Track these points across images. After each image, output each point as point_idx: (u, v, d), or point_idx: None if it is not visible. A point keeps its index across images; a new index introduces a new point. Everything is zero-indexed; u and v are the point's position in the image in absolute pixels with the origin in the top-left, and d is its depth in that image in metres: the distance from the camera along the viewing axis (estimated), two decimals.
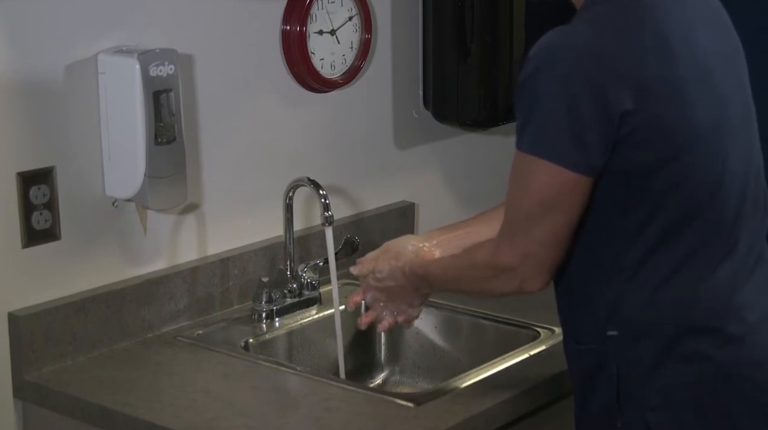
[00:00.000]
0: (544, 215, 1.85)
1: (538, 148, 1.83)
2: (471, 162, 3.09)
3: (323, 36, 2.65)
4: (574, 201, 1.85)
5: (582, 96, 1.79)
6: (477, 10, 2.81)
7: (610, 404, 1.93)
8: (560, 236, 1.87)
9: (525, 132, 1.84)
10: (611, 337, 1.91)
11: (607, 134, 1.81)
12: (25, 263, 2.25)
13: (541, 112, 1.82)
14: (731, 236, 1.91)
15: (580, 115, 1.80)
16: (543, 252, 1.87)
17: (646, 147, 1.83)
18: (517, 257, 1.88)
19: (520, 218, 1.88)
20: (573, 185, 1.83)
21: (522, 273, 1.89)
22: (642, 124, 1.81)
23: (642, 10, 1.86)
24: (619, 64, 1.81)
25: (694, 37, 1.89)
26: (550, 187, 1.83)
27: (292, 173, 2.54)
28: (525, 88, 1.84)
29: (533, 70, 1.83)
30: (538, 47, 1.84)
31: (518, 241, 1.88)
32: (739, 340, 1.89)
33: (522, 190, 1.87)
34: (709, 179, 1.88)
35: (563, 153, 1.81)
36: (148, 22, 2.36)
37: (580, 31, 1.85)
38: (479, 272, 1.98)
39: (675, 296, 1.88)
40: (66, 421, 2.19)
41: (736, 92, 1.96)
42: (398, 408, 2.11)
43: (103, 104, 2.28)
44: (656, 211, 1.86)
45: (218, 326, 2.48)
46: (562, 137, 1.81)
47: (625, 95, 1.80)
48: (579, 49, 1.81)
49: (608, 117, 1.80)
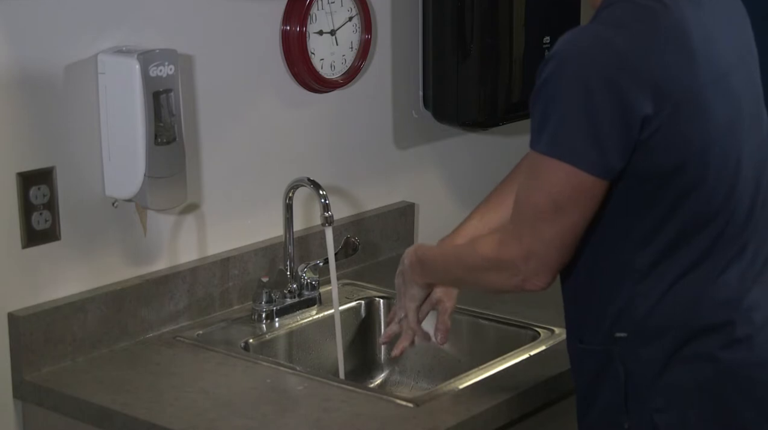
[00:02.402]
0: (555, 215, 1.83)
1: (556, 149, 1.81)
2: (471, 162, 3.09)
3: (323, 36, 2.65)
4: (586, 203, 1.83)
5: (602, 99, 1.77)
6: (477, 10, 2.81)
7: (616, 404, 1.92)
8: (568, 237, 1.86)
9: (542, 133, 1.82)
10: (620, 338, 1.90)
11: (626, 138, 1.79)
12: (25, 263, 2.25)
13: (558, 114, 1.80)
14: (741, 238, 1.90)
15: (599, 118, 1.78)
16: (549, 252, 1.86)
17: (664, 151, 1.81)
18: (522, 255, 1.87)
19: (529, 216, 1.86)
20: (587, 188, 1.82)
21: (525, 271, 1.88)
22: (661, 128, 1.80)
23: (660, 12, 1.83)
24: (639, 66, 1.79)
25: (712, 38, 1.87)
26: (564, 188, 1.82)
27: (292, 173, 2.54)
28: (544, 88, 1.82)
29: (551, 71, 1.81)
30: (556, 48, 1.82)
31: (525, 238, 1.87)
32: (747, 340, 1.88)
33: (535, 189, 1.85)
34: (724, 182, 1.86)
35: (580, 155, 1.80)
36: (148, 22, 2.36)
37: (598, 32, 1.83)
38: (480, 262, 1.96)
39: (684, 298, 1.87)
40: (66, 421, 2.19)
41: (749, 91, 1.94)
42: (398, 408, 2.11)
43: (103, 104, 2.28)
44: (670, 215, 1.85)
45: (218, 326, 2.48)
46: (580, 139, 1.79)
47: (645, 99, 1.78)
48: (597, 51, 1.79)
49: (629, 121, 1.78)
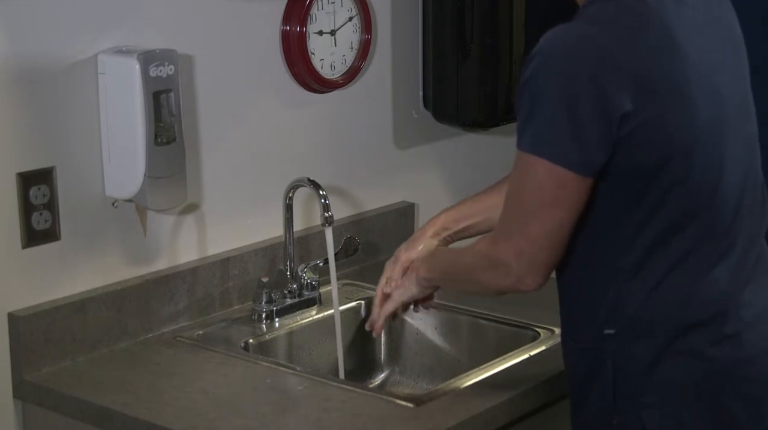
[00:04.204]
0: (542, 213, 1.85)
1: (538, 147, 1.83)
2: (471, 162, 3.09)
3: (323, 36, 2.65)
4: (572, 201, 1.85)
5: (582, 96, 1.79)
6: (477, 10, 2.81)
7: (606, 402, 1.94)
8: (556, 235, 1.86)
9: (525, 132, 1.84)
10: (608, 335, 1.92)
11: (606, 134, 1.80)
12: (25, 263, 2.25)
13: (541, 112, 1.82)
14: (729, 235, 1.91)
15: (579, 114, 1.79)
16: (537, 251, 1.87)
17: (646, 148, 1.83)
18: (513, 254, 1.89)
19: (518, 216, 1.88)
20: (572, 185, 1.83)
21: (517, 270, 1.89)
22: (642, 125, 1.81)
23: (645, 9, 1.85)
24: (621, 63, 1.80)
25: (696, 35, 1.88)
26: (549, 186, 1.83)
27: (292, 173, 2.54)
28: (526, 87, 1.84)
29: (534, 69, 1.82)
30: (539, 46, 1.84)
31: (514, 236, 1.88)
32: (735, 337, 1.90)
33: (521, 188, 1.87)
34: (709, 178, 1.88)
35: (563, 153, 1.81)
36: (148, 22, 2.36)
37: (582, 29, 1.84)
38: (475, 259, 1.98)
39: (672, 295, 1.89)
40: (66, 421, 2.19)
41: (735, 90, 1.95)
42: (398, 408, 2.11)
43: (103, 104, 2.28)
44: (656, 212, 1.86)
45: (218, 326, 2.47)
46: (562, 137, 1.81)
47: (625, 96, 1.79)
48: (580, 49, 1.81)
49: (608, 117, 1.80)
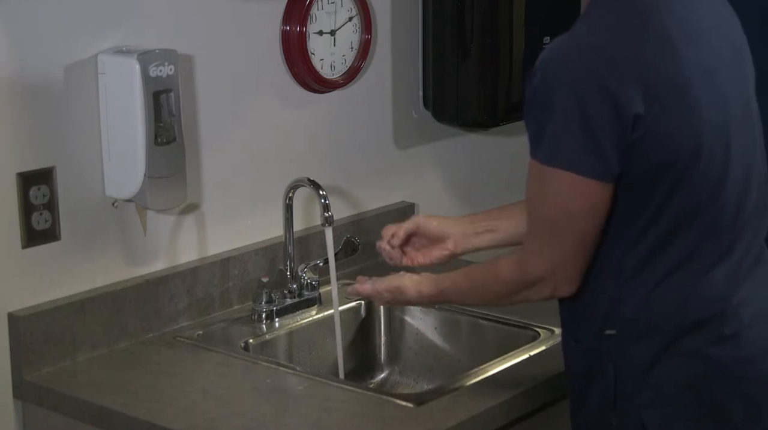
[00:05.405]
0: (570, 224, 1.85)
1: (556, 159, 1.82)
2: (471, 162, 3.09)
3: (323, 36, 2.65)
4: (597, 207, 1.84)
5: (593, 102, 1.78)
6: (477, 10, 2.81)
7: (605, 402, 1.94)
8: (587, 242, 1.87)
9: (540, 143, 1.83)
10: (609, 336, 1.92)
11: (621, 137, 1.80)
12: (25, 263, 2.25)
13: (554, 122, 1.81)
14: (730, 235, 1.91)
15: (593, 121, 1.78)
16: (571, 260, 1.88)
17: (654, 150, 1.82)
18: (548, 268, 1.89)
19: (546, 230, 1.88)
20: (594, 192, 1.82)
21: (553, 283, 1.90)
22: (651, 127, 1.80)
23: (646, 10, 1.85)
24: (628, 66, 1.80)
25: (698, 36, 1.88)
26: (573, 197, 1.83)
27: (292, 173, 2.54)
28: (536, 96, 1.83)
29: (543, 78, 1.82)
30: (546, 54, 1.83)
31: (546, 251, 1.88)
32: (735, 337, 1.90)
33: (544, 202, 1.86)
34: (712, 179, 1.87)
35: (581, 162, 1.80)
36: (148, 22, 2.36)
37: (586, 35, 1.84)
38: (507, 288, 1.97)
39: (673, 296, 1.89)
40: (66, 421, 2.19)
41: (738, 90, 1.95)
42: (398, 408, 2.11)
43: (103, 104, 2.28)
44: (659, 213, 1.86)
45: (218, 326, 2.47)
46: (578, 146, 1.80)
47: (635, 98, 1.79)
48: (587, 55, 1.80)
49: (621, 121, 1.79)
